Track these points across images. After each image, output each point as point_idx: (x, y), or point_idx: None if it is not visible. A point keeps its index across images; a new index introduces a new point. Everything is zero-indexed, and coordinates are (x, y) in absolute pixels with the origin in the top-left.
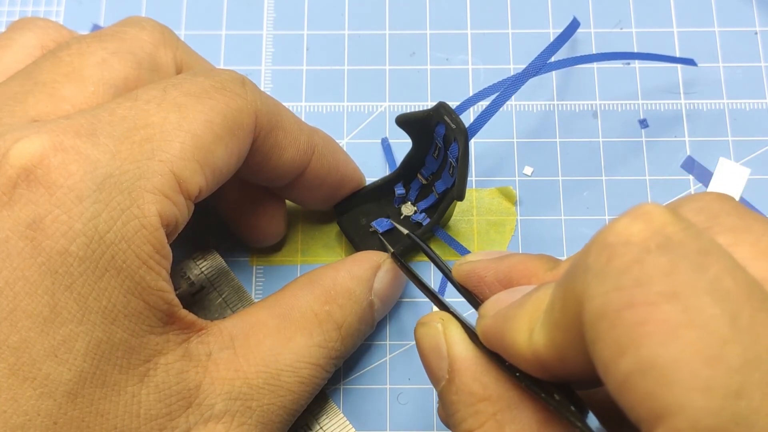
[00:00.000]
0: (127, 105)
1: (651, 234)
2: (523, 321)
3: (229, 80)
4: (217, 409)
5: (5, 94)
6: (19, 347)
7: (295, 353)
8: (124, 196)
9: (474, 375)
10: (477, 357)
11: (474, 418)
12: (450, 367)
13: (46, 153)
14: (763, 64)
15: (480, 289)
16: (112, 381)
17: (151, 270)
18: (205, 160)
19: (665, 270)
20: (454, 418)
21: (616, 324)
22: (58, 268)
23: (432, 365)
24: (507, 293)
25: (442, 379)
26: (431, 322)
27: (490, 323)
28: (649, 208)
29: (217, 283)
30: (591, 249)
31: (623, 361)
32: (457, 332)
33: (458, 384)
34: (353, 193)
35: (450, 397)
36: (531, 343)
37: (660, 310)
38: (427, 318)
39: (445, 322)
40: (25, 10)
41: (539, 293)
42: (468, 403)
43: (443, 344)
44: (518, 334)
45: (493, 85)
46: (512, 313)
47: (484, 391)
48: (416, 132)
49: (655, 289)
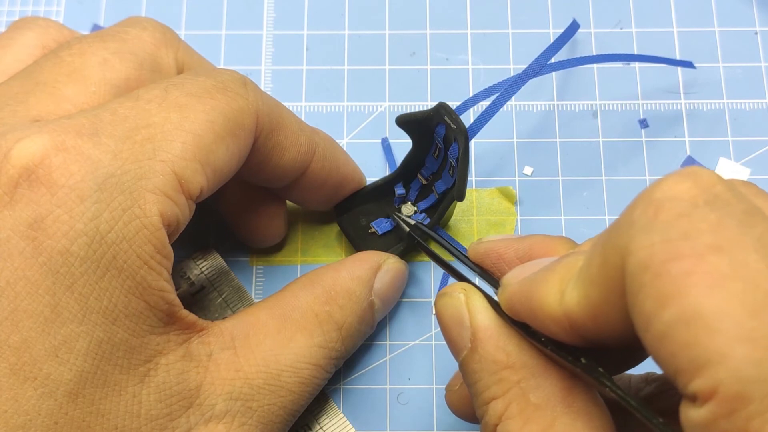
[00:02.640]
0: (129, 105)
1: (699, 191)
2: (554, 283)
3: (230, 80)
4: (217, 410)
5: (7, 94)
6: (20, 347)
7: (295, 353)
8: (125, 196)
9: (497, 343)
10: (500, 326)
11: (497, 386)
12: (473, 336)
13: (48, 153)
14: (763, 64)
15: (499, 266)
16: (113, 381)
17: (152, 270)
18: (206, 160)
19: (713, 224)
20: (476, 386)
21: (662, 274)
22: (59, 268)
23: (453, 335)
24: (531, 264)
25: (464, 348)
26: (453, 293)
27: (515, 289)
28: (696, 169)
29: (217, 283)
30: (636, 205)
31: (666, 311)
32: (479, 301)
33: (481, 352)
34: (353, 193)
35: (472, 365)
36: (562, 303)
37: (707, 261)
38: (448, 288)
39: (468, 292)
40: (25, 10)
41: (570, 257)
42: (491, 372)
43: (465, 313)
44: (548, 296)
45: (494, 85)
46: (541, 276)
47: (508, 359)
48: (416, 132)
49: (703, 241)
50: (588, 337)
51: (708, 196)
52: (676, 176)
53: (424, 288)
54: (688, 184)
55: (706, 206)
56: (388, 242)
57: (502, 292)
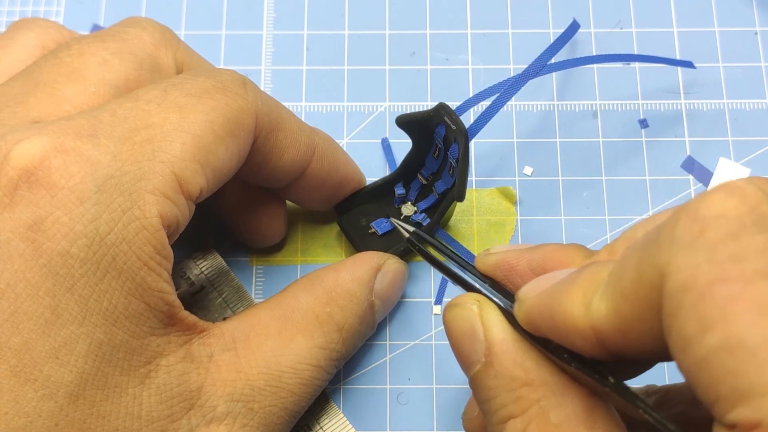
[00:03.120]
0: (128, 105)
1: (746, 210)
2: (578, 294)
3: (229, 80)
4: (219, 411)
5: (6, 95)
6: (20, 349)
7: (296, 354)
8: (125, 198)
9: (515, 359)
10: (517, 340)
11: (516, 404)
12: (488, 350)
13: (47, 154)
14: (763, 64)
15: (511, 279)
16: (114, 383)
17: (152, 271)
18: (205, 161)
19: (762, 248)
20: (490, 403)
21: (706, 297)
22: (59, 270)
23: (465, 348)
24: (547, 276)
25: (476, 363)
26: (465, 304)
27: (534, 302)
28: (742, 184)
29: (217, 283)
30: (679, 220)
31: (709, 336)
32: (494, 314)
33: (497, 368)
34: (353, 194)
35: (487, 381)
36: (588, 315)
37: (756, 287)
38: (459, 299)
39: (481, 304)
40: (25, 10)
41: (592, 268)
42: (508, 389)
43: (479, 326)
44: (573, 308)
45: (494, 86)
46: (562, 288)
47: (526, 376)
48: (416, 132)
49: (752, 265)
50: (614, 350)
51: (755, 216)
52: (722, 192)
53: (423, 288)
54: (735, 201)
55: (754, 227)
56: (389, 242)
57: (520, 307)
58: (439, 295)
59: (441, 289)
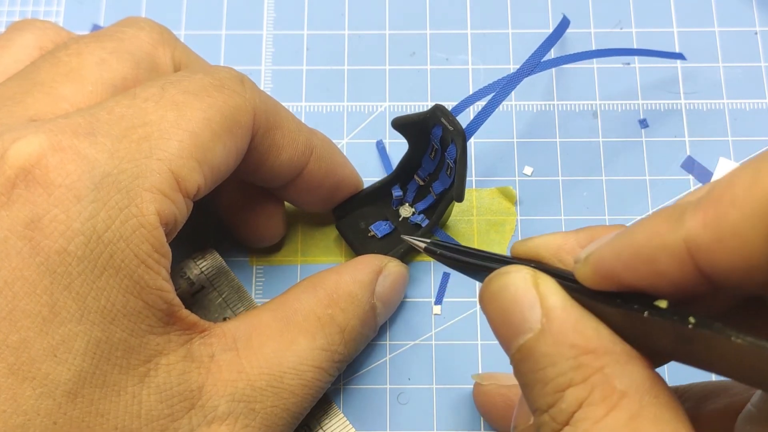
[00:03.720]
0: (126, 103)
1: None
2: (661, 219)
3: (227, 78)
4: (220, 411)
5: (4, 94)
6: (18, 347)
7: (298, 356)
8: (122, 195)
9: (575, 326)
10: (576, 308)
11: (577, 371)
12: (546, 317)
13: (44, 153)
14: (763, 64)
15: (559, 257)
16: (112, 381)
17: (150, 269)
18: (203, 158)
19: None
20: (546, 371)
21: None
22: (56, 268)
23: (515, 316)
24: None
25: (527, 331)
26: (517, 272)
27: (604, 248)
28: None
29: (217, 283)
30: None
31: None
32: (550, 281)
33: (556, 335)
34: (351, 197)
35: (543, 349)
36: (680, 229)
37: None
38: (509, 268)
39: (535, 271)
40: (25, 11)
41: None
42: (568, 356)
43: (534, 293)
44: (660, 228)
45: (489, 85)
46: (639, 224)
47: (588, 343)
48: (412, 134)
49: None
50: (706, 270)
51: None
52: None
53: (423, 289)
54: None
55: None
56: (388, 245)
57: (586, 261)
58: (439, 295)
59: (441, 289)
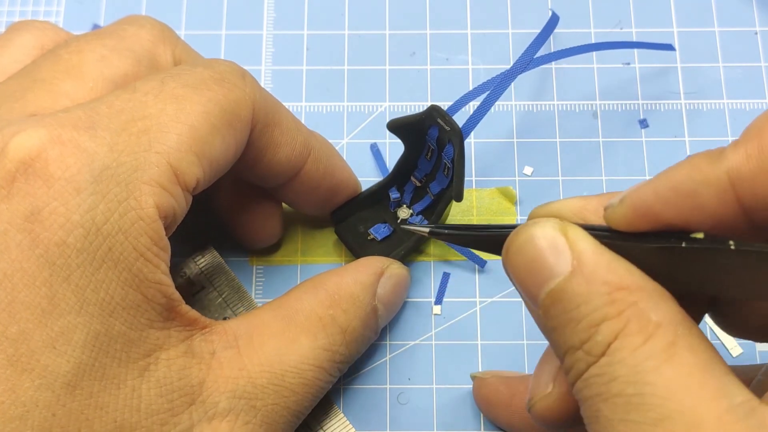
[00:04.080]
0: (125, 97)
1: None
2: (701, 157)
3: (228, 71)
4: (221, 407)
5: (4, 92)
6: (17, 338)
7: (299, 355)
8: (121, 188)
9: (608, 266)
10: (606, 251)
11: (611, 306)
12: (577, 260)
13: (44, 146)
14: (763, 64)
15: (582, 216)
16: (112, 374)
17: (149, 262)
18: (202, 152)
19: None
20: (579, 309)
21: None
22: (56, 260)
23: (544, 263)
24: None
25: (558, 275)
26: (544, 222)
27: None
28: None
29: (217, 282)
30: None
31: None
32: (579, 230)
33: (588, 274)
34: (349, 201)
35: (576, 288)
36: (722, 162)
37: None
38: (536, 220)
39: (563, 222)
40: (25, 11)
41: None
42: (602, 293)
43: (563, 239)
44: (700, 165)
45: (483, 84)
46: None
47: (621, 281)
48: (408, 136)
49: None
50: (748, 202)
51: None
52: None
53: (423, 288)
54: None
55: None
56: (388, 247)
57: (622, 201)
58: (439, 295)
59: (441, 289)
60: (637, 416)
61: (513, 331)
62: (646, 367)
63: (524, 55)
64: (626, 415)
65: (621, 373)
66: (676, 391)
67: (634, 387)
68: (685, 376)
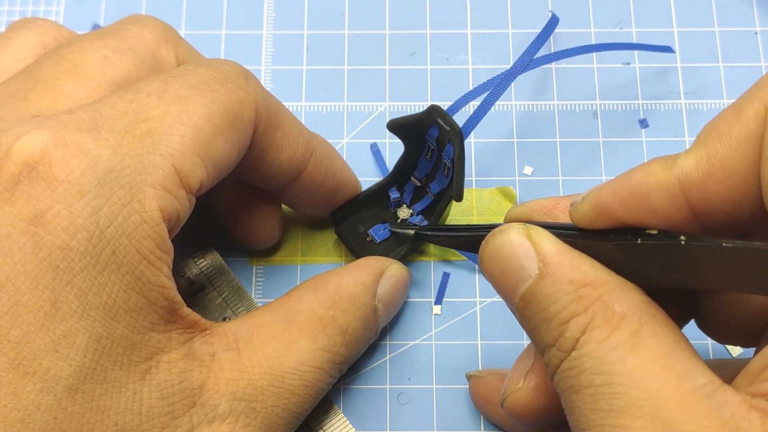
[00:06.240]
0: (129, 98)
1: None
2: (657, 163)
3: (231, 72)
4: (221, 410)
5: (7, 92)
6: (20, 342)
7: (299, 356)
8: (125, 191)
9: (571, 265)
10: (569, 250)
11: (577, 303)
12: (542, 262)
13: (48, 148)
14: (763, 64)
15: (552, 215)
16: (113, 377)
17: (152, 265)
18: (205, 154)
19: None
20: (549, 310)
21: None
22: (59, 263)
23: (514, 268)
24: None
25: (527, 279)
26: (510, 229)
27: (602, 188)
28: None
29: (217, 283)
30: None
31: None
32: (542, 231)
33: (554, 275)
34: (349, 202)
35: (544, 290)
36: (673, 168)
37: None
38: (503, 227)
39: (527, 225)
40: (25, 10)
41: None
42: (568, 291)
43: (528, 244)
44: (654, 170)
45: (482, 84)
46: (635, 168)
47: (585, 277)
48: (408, 136)
49: None
50: (700, 206)
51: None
52: None
53: (423, 289)
54: None
55: None
56: (388, 248)
57: (584, 198)
58: (439, 295)
59: (441, 289)
60: (605, 405)
61: (513, 331)
62: (612, 358)
63: (524, 55)
64: (595, 405)
65: (589, 365)
66: (641, 378)
67: (601, 377)
68: (650, 363)
